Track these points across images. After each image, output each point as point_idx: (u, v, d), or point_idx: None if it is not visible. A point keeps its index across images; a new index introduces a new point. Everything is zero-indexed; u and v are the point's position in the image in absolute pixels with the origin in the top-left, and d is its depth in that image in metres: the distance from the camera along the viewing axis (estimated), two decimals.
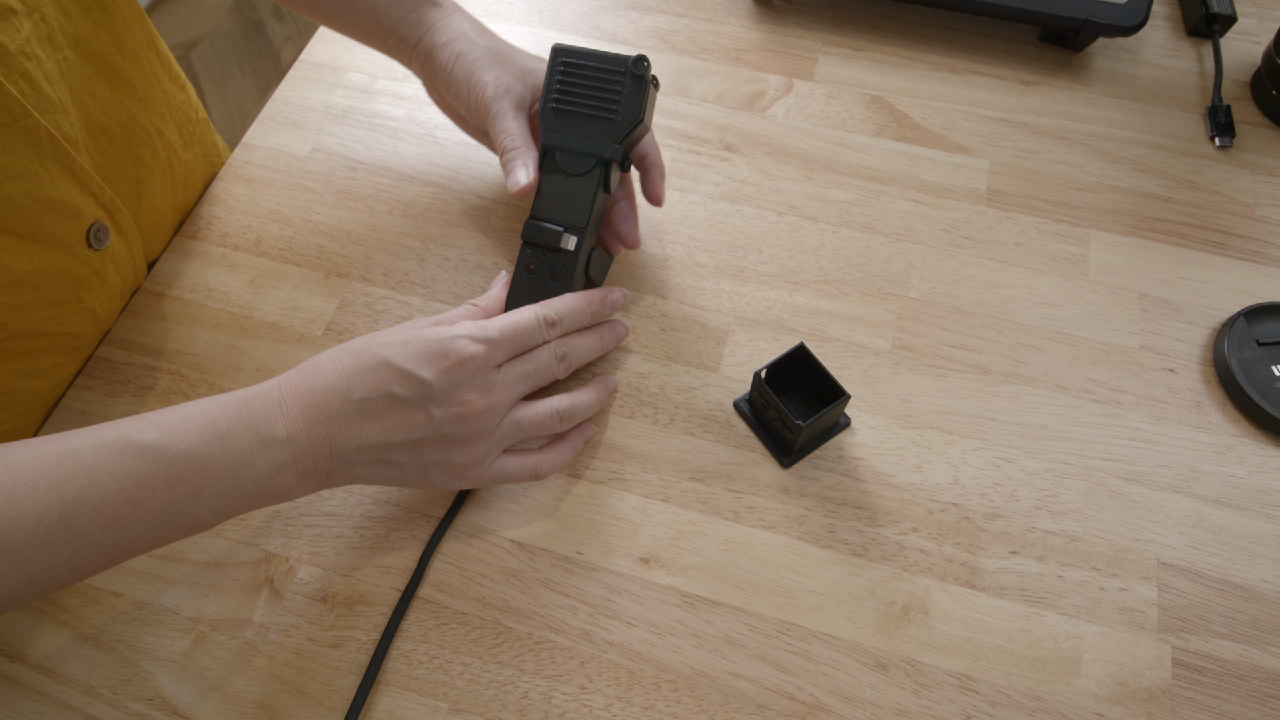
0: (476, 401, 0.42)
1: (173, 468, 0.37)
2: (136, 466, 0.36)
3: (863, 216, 0.58)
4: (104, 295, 0.52)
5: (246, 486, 0.39)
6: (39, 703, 0.44)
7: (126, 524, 0.36)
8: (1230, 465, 0.48)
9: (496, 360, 0.43)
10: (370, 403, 0.41)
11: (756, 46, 0.66)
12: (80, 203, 0.47)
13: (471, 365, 0.42)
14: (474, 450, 0.43)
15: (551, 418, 0.46)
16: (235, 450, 0.38)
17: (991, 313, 0.54)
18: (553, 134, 0.48)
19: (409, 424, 0.41)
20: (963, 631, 0.44)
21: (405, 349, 0.41)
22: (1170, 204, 0.58)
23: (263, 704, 0.43)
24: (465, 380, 0.42)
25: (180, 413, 0.39)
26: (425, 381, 0.41)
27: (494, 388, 0.43)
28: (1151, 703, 0.42)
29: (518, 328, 0.45)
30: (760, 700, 0.43)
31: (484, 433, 0.43)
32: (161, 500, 0.37)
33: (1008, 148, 0.60)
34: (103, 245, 0.50)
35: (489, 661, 0.44)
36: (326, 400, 0.40)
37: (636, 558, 0.47)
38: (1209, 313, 0.53)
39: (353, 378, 0.41)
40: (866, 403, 0.51)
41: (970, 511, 0.47)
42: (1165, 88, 0.63)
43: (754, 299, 0.54)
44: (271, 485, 0.40)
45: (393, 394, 0.41)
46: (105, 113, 0.50)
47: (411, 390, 0.41)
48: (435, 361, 0.41)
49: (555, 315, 0.46)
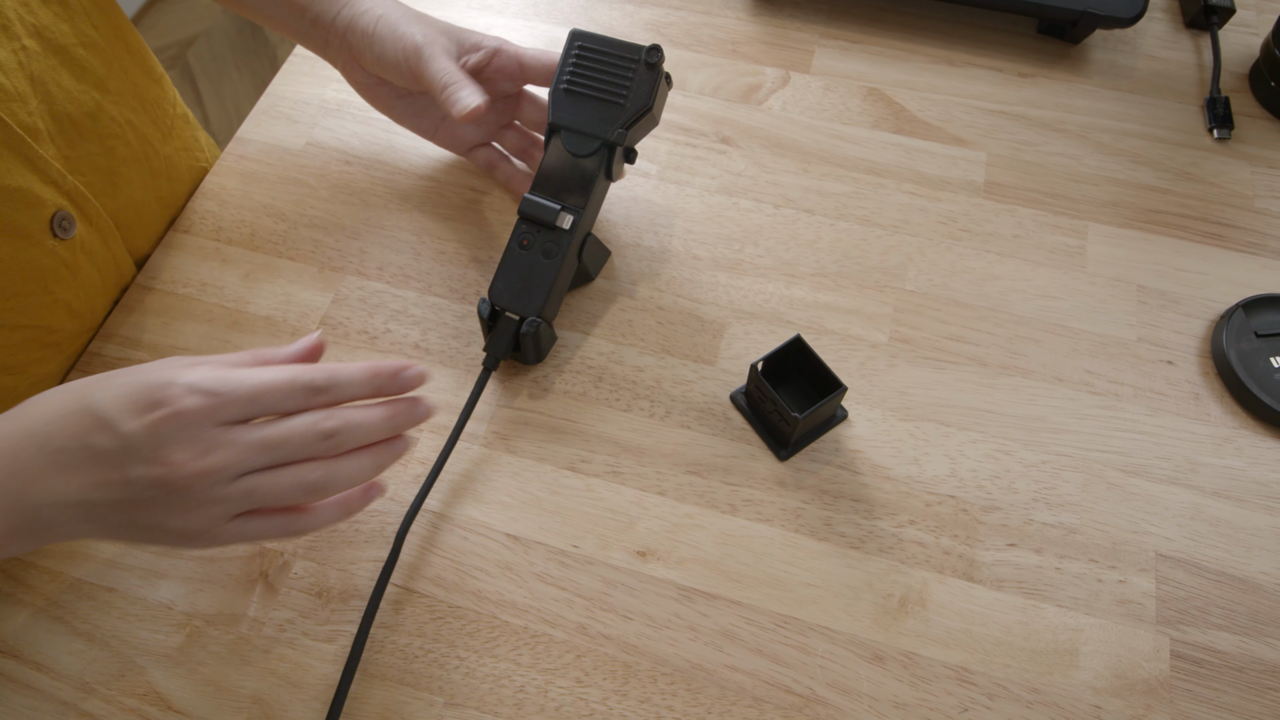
0: (185, 464, 0.34)
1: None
2: None
3: (860, 209, 0.57)
4: (77, 288, 0.51)
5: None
6: (33, 699, 0.43)
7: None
8: (1228, 457, 0.48)
9: (222, 418, 0.35)
10: (66, 454, 0.35)
11: (753, 39, 0.66)
12: (40, 191, 0.47)
13: (184, 419, 0.35)
14: (193, 517, 0.36)
15: (295, 490, 0.37)
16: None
17: (989, 305, 0.53)
18: (561, 113, 0.49)
19: (105, 483, 0.35)
20: (960, 624, 0.44)
21: (114, 394, 0.35)
22: (1168, 196, 0.57)
23: (257, 698, 0.43)
24: (174, 436, 0.34)
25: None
26: (124, 434, 0.34)
27: (212, 450, 0.35)
28: (1150, 695, 0.42)
29: (260, 386, 0.36)
30: (757, 693, 0.43)
31: (199, 499, 0.35)
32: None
33: (1005, 140, 0.60)
34: (68, 235, 0.49)
35: (485, 655, 0.44)
36: (21, 448, 0.35)
37: (633, 551, 0.46)
38: (1207, 304, 0.53)
39: (55, 422, 0.35)
40: (863, 395, 0.50)
41: (968, 504, 0.47)
42: (1163, 79, 0.63)
43: (750, 291, 0.54)
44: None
45: (89, 445, 0.35)
46: (72, 103, 0.49)
47: (108, 443, 0.35)
48: (142, 411, 0.35)
49: (325, 382, 0.37)
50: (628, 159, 0.50)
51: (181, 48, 1.81)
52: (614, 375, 0.52)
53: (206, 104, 1.74)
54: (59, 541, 0.38)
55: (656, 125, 0.51)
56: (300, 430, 0.37)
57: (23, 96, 0.46)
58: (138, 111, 0.55)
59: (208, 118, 1.72)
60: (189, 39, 1.82)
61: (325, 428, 0.37)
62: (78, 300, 0.51)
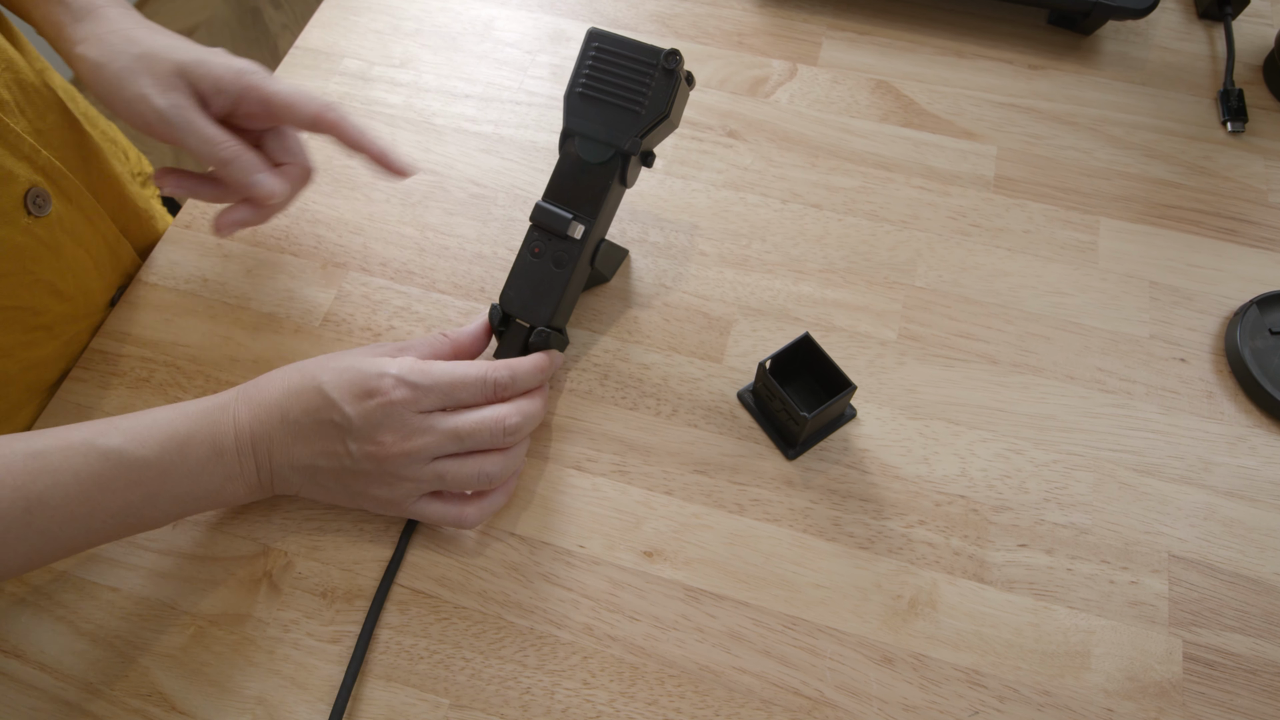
0: (392, 445, 0.42)
1: (133, 472, 0.39)
2: (99, 470, 0.38)
3: (868, 204, 0.57)
4: (61, 268, 0.49)
5: (199, 492, 0.41)
6: (36, 699, 0.43)
7: (84, 522, 0.38)
8: (1242, 456, 0.48)
9: (422, 407, 0.42)
10: (301, 425, 0.42)
11: (760, 31, 0.65)
12: (12, 166, 0.45)
13: (392, 408, 0.41)
14: (392, 489, 0.43)
15: (477, 478, 0.44)
16: (193, 459, 0.40)
17: (999, 301, 0.53)
18: (575, 118, 0.47)
19: (330, 452, 0.42)
20: (970, 625, 0.44)
21: (338, 378, 0.42)
22: (1181, 190, 0.57)
23: (261, 699, 0.43)
24: (384, 422, 0.41)
25: (145, 419, 0.41)
26: (347, 415, 0.41)
27: (415, 434, 0.42)
28: (1162, 697, 0.42)
29: (455, 380, 0.43)
30: (765, 695, 0.42)
31: (401, 476, 0.42)
32: (119, 501, 0.39)
33: (1015, 133, 0.59)
34: (44, 212, 0.47)
35: (491, 657, 0.44)
36: (269, 416, 0.42)
37: (640, 551, 0.46)
38: (1221, 301, 0.52)
39: (291, 397, 0.42)
40: (872, 393, 0.50)
41: (978, 504, 0.47)
42: (1176, 71, 0.62)
43: (758, 288, 0.54)
44: (222, 494, 0.42)
45: (320, 420, 0.42)
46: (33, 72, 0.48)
47: (336, 419, 0.41)
48: (359, 398, 0.41)
49: (507, 378, 0.44)
50: (645, 163, 0.49)
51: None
52: (620, 373, 0.51)
53: None
54: (284, 494, 0.45)
55: (675, 129, 0.50)
56: (488, 425, 0.43)
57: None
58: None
59: None
60: (189, 29, 1.81)
61: (509, 425, 0.44)
62: (64, 282, 0.50)
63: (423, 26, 0.66)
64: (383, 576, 0.45)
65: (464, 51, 0.64)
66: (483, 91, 0.62)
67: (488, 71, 0.63)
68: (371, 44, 0.65)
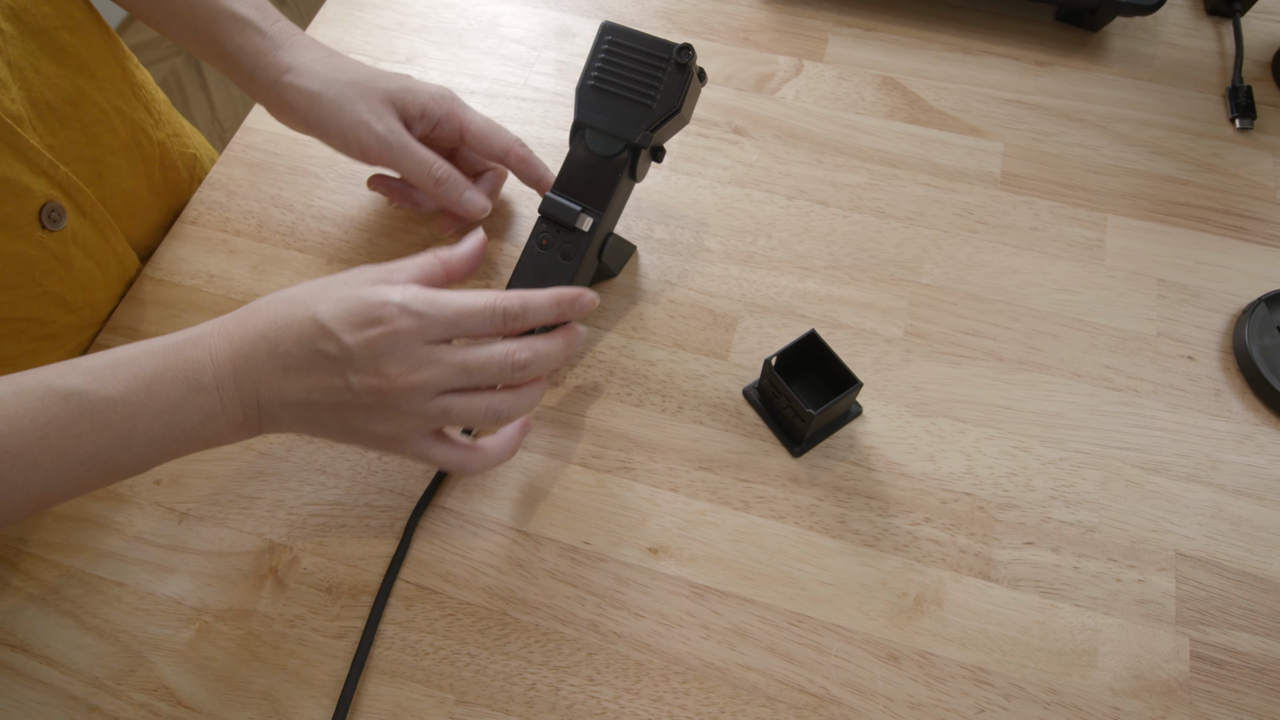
0: (397, 377, 0.38)
1: (97, 415, 0.36)
2: (59, 412, 0.35)
3: (874, 201, 0.56)
4: (71, 281, 0.50)
5: (176, 434, 0.38)
6: (43, 693, 0.43)
7: (50, 470, 0.36)
8: (1250, 454, 0.47)
9: (429, 338, 0.39)
10: (293, 358, 0.39)
11: (765, 27, 0.64)
12: (29, 181, 0.46)
13: (398, 338, 0.38)
14: (395, 425, 0.40)
15: (485, 414, 0.41)
16: (163, 398, 0.37)
17: (1006, 299, 0.53)
18: (587, 111, 0.47)
19: (327, 386, 0.39)
20: (976, 623, 0.44)
21: (336, 307, 0.39)
22: (1189, 187, 0.56)
23: (267, 694, 0.43)
24: (388, 352, 0.38)
25: (107, 358, 0.38)
26: (346, 345, 0.38)
27: (421, 366, 0.39)
28: (1169, 696, 0.42)
29: (464, 310, 0.40)
30: (770, 692, 0.42)
31: (405, 411, 0.40)
32: (87, 447, 0.36)
33: (1022, 130, 0.59)
34: (58, 227, 0.48)
35: (495, 653, 0.44)
36: (254, 348, 0.39)
37: (645, 548, 0.46)
38: (1228, 299, 0.52)
39: (282, 329, 0.39)
40: (878, 390, 0.50)
41: (984, 501, 0.46)
42: (1184, 68, 0.62)
43: (763, 285, 0.53)
44: (203, 433, 0.39)
45: (316, 350, 0.38)
46: (52, 90, 0.48)
47: (333, 350, 0.38)
48: (360, 327, 0.38)
49: (518, 308, 0.41)
50: (655, 158, 0.49)
51: None
52: (625, 369, 0.51)
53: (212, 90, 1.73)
54: (273, 433, 0.42)
55: (687, 124, 0.50)
56: (498, 359, 0.40)
57: (5, 83, 0.44)
58: (127, 97, 0.54)
59: (214, 106, 1.71)
60: None
61: (519, 359, 0.41)
62: (72, 293, 0.50)
63: (428, 22, 0.66)
64: (386, 571, 0.45)
65: (469, 48, 0.64)
66: (488, 88, 0.62)
67: (493, 68, 0.63)
68: (377, 40, 0.65)
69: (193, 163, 0.61)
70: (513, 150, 0.52)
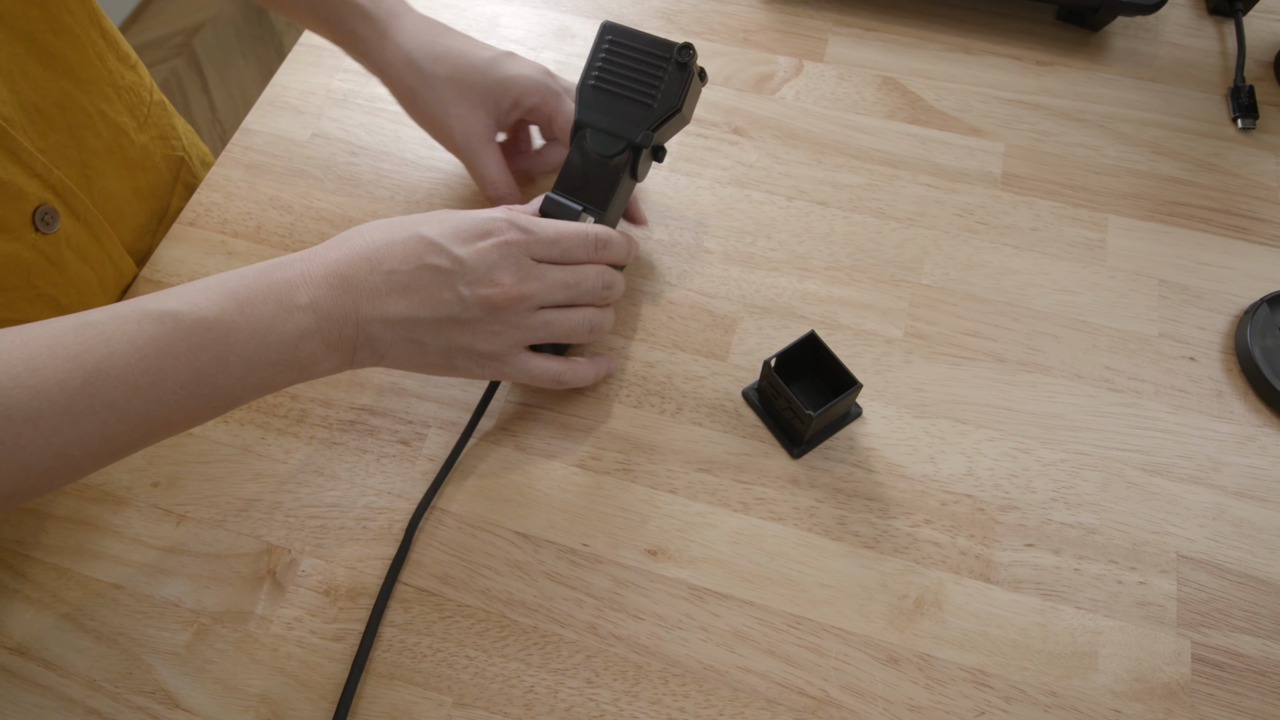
0: (509, 287, 0.41)
1: (193, 334, 0.36)
2: (156, 334, 0.35)
3: (874, 201, 0.56)
4: (65, 284, 0.50)
5: (271, 355, 0.38)
6: (41, 696, 0.43)
7: (153, 393, 0.36)
8: (1252, 456, 0.47)
9: (537, 253, 0.42)
10: (399, 275, 0.40)
11: (765, 27, 0.64)
12: (23, 184, 0.46)
13: (509, 249, 0.41)
14: (499, 339, 0.42)
15: (582, 327, 0.45)
16: (257, 317, 0.38)
17: (1007, 300, 0.52)
18: (587, 111, 0.47)
19: (436, 300, 0.40)
20: (976, 625, 0.43)
21: (443, 224, 0.41)
22: (1191, 188, 0.56)
23: (265, 697, 0.43)
24: (500, 262, 0.41)
25: (198, 284, 0.38)
26: (458, 257, 0.40)
27: (530, 277, 0.42)
28: (1170, 699, 0.41)
29: (564, 232, 0.44)
30: (770, 695, 0.42)
31: (511, 323, 0.42)
32: (186, 368, 0.36)
33: (1023, 130, 0.59)
34: (51, 229, 0.48)
35: (494, 655, 0.43)
36: (354, 268, 0.39)
37: (643, 550, 0.46)
38: (1230, 299, 0.52)
39: (384, 249, 0.40)
40: (878, 392, 0.50)
41: (985, 503, 0.46)
42: (1186, 68, 0.61)
43: (763, 286, 0.53)
44: (297, 353, 0.39)
45: (424, 265, 0.40)
46: (38, 93, 0.48)
47: (443, 264, 0.40)
48: (472, 239, 0.40)
49: (605, 239, 0.45)
50: (656, 158, 0.49)
51: (188, 35, 1.80)
52: (624, 371, 0.51)
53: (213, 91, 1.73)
54: (368, 365, 0.42)
55: (688, 124, 0.50)
56: (591, 276, 0.45)
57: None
58: (111, 100, 0.54)
59: (214, 105, 1.71)
60: (195, 26, 1.81)
61: (608, 279, 0.46)
62: (66, 297, 0.50)
63: None
64: (387, 574, 0.45)
65: None
66: None
67: None
68: None
69: (178, 166, 0.61)
70: None
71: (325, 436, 0.50)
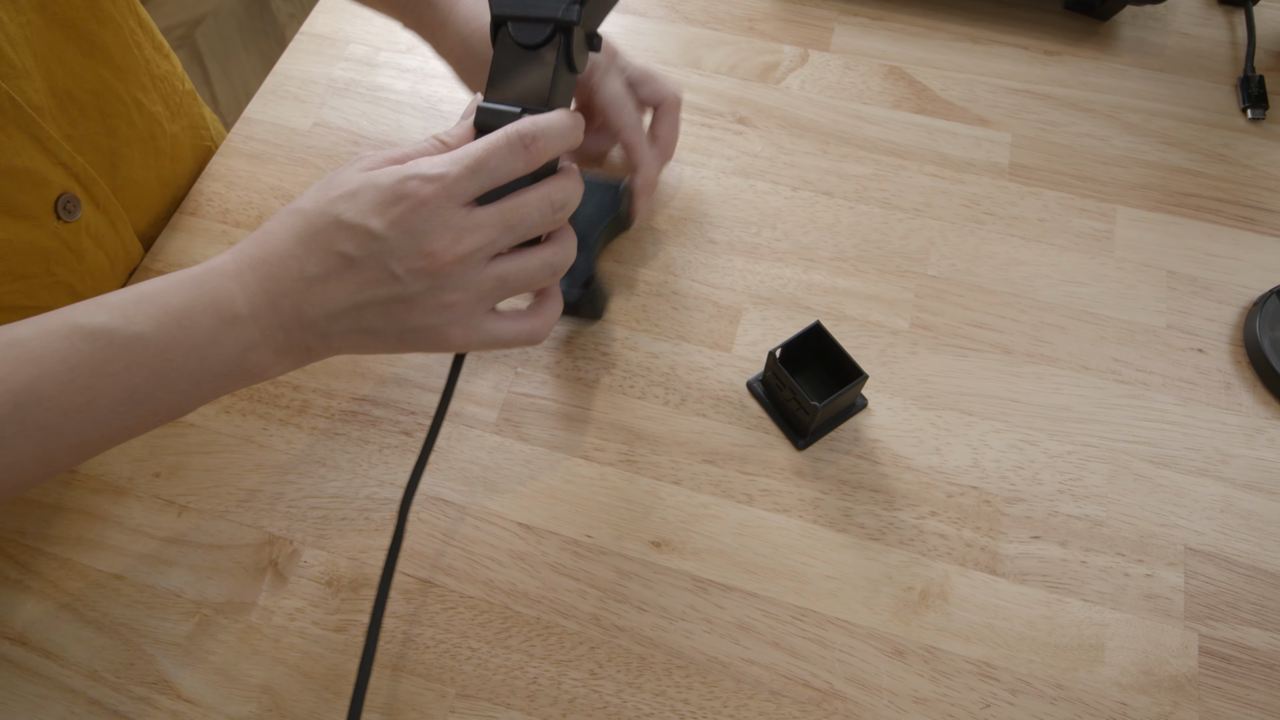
0: (443, 251, 0.36)
1: (128, 352, 0.34)
2: (89, 352, 0.34)
3: (880, 192, 0.56)
4: (81, 271, 0.50)
5: (215, 369, 0.36)
6: (41, 686, 0.43)
7: (88, 412, 0.34)
8: (1261, 448, 0.47)
9: (461, 197, 0.36)
10: (329, 266, 0.36)
11: (770, 16, 0.64)
12: (48, 172, 0.46)
13: (428, 209, 0.35)
14: (453, 310, 0.37)
15: (543, 270, 0.39)
16: (197, 330, 0.36)
17: (1013, 291, 0.52)
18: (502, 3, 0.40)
19: (374, 283, 0.36)
20: (982, 618, 0.43)
21: (354, 201, 0.36)
22: (1200, 178, 0.56)
23: (267, 688, 0.43)
24: (425, 226, 0.35)
25: (131, 294, 0.36)
26: (377, 234, 0.35)
27: (465, 233, 0.36)
28: (1177, 692, 0.41)
29: (484, 152, 0.36)
30: (774, 687, 0.42)
31: (460, 286, 0.37)
32: (122, 387, 0.34)
33: (1031, 120, 0.58)
34: (73, 217, 0.48)
35: (497, 646, 0.43)
36: (284, 269, 0.36)
37: (647, 541, 0.45)
38: (1239, 291, 0.51)
39: (306, 241, 0.36)
40: (884, 383, 0.49)
41: (991, 495, 0.46)
42: (1195, 58, 0.61)
43: (768, 276, 0.53)
44: (244, 365, 0.37)
45: (344, 253, 0.36)
46: (74, 80, 0.48)
47: (365, 247, 0.36)
48: (385, 209, 0.35)
49: (532, 133, 0.37)
50: (591, 46, 0.42)
51: (190, 27, 1.80)
52: (628, 362, 0.51)
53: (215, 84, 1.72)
54: (325, 357, 0.39)
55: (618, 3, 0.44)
56: (535, 203, 0.38)
57: (29, 73, 0.44)
58: (147, 89, 0.54)
59: (216, 98, 1.71)
60: (197, 18, 1.81)
61: (556, 199, 0.38)
62: (82, 283, 0.51)
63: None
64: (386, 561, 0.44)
65: None
66: None
67: None
68: (377, 29, 0.64)
69: (206, 156, 0.61)
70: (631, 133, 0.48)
71: (327, 427, 0.49)
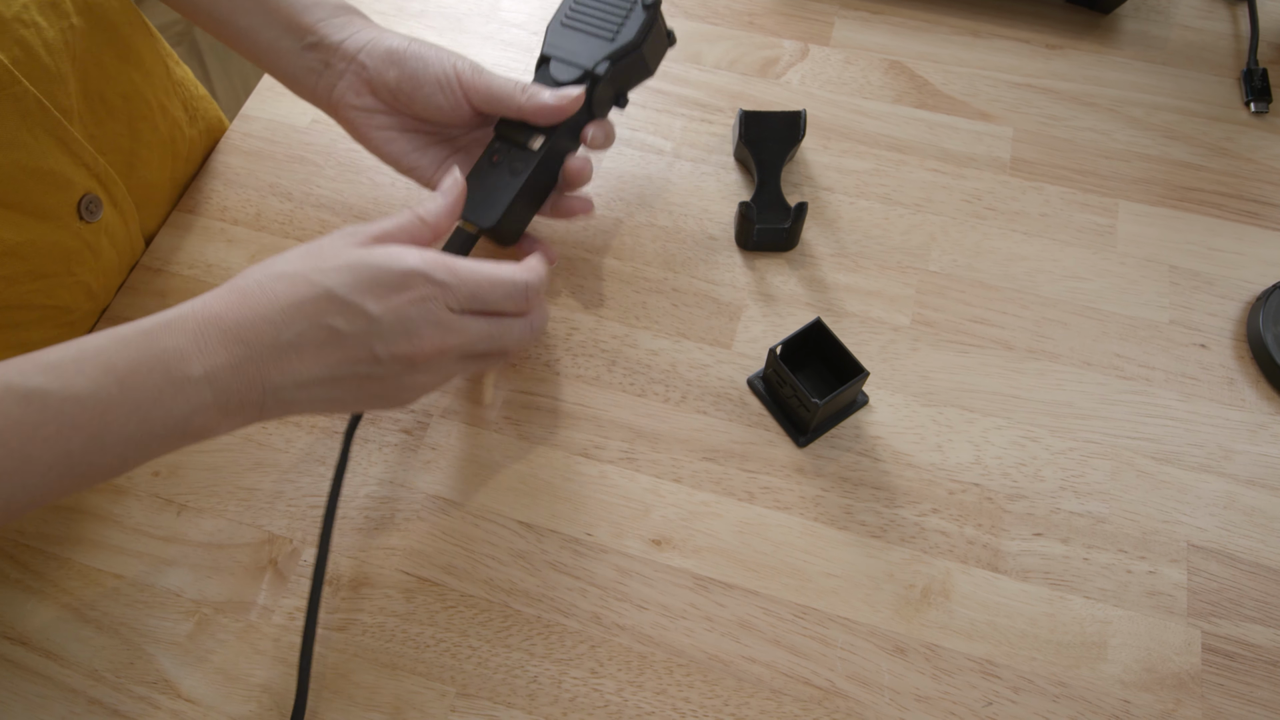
0: (428, 344, 0.38)
1: (63, 415, 0.33)
2: (20, 416, 0.32)
3: (881, 187, 0.56)
4: (97, 269, 0.51)
5: (157, 430, 0.35)
6: (42, 686, 0.43)
7: (17, 477, 0.33)
8: (1264, 444, 0.47)
9: (456, 306, 0.38)
10: (308, 338, 0.36)
11: (770, 10, 0.63)
12: (71, 174, 0.46)
13: (425, 305, 0.37)
14: (417, 389, 0.40)
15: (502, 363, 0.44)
16: (140, 391, 0.34)
17: (1015, 286, 0.52)
18: (552, 45, 0.49)
19: (351, 360, 0.37)
20: (984, 615, 0.43)
21: (350, 277, 0.37)
22: (1202, 172, 0.55)
23: (267, 687, 0.43)
24: (417, 318, 0.37)
25: (71, 350, 0.34)
26: (372, 316, 0.36)
27: (451, 333, 0.38)
28: (1180, 689, 0.41)
29: (494, 285, 0.39)
30: (775, 685, 0.42)
31: (431, 371, 0.39)
32: (55, 451, 0.33)
33: (1032, 114, 0.58)
34: (95, 218, 0.49)
35: (497, 645, 0.43)
36: (257, 334, 0.36)
37: (648, 539, 0.45)
38: (1243, 286, 0.51)
39: (289, 309, 0.36)
40: (885, 380, 0.49)
41: (992, 492, 0.46)
42: (1198, 51, 0.60)
43: (768, 273, 0.53)
44: (189, 427, 0.36)
45: (333, 327, 0.36)
46: (108, 83, 0.49)
47: (355, 325, 0.36)
48: (384, 295, 0.37)
49: (537, 287, 0.41)
50: (618, 104, 0.50)
51: (188, 24, 1.79)
52: (628, 359, 0.50)
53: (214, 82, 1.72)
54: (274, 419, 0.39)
55: (651, 76, 0.50)
56: (519, 328, 0.42)
57: (63, 78, 0.45)
58: (170, 95, 0.55)
59: (215, 95, 1.70)
60: None
61: (537, 326, 0.43)
62: (97, 282, 0.51)
63: (428, 7, 0.65)
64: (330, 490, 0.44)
65: (470, 33, 0.63)
66: None
67: (494, 53, 0.62)
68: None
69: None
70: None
71: (327, 426, 0.49)
